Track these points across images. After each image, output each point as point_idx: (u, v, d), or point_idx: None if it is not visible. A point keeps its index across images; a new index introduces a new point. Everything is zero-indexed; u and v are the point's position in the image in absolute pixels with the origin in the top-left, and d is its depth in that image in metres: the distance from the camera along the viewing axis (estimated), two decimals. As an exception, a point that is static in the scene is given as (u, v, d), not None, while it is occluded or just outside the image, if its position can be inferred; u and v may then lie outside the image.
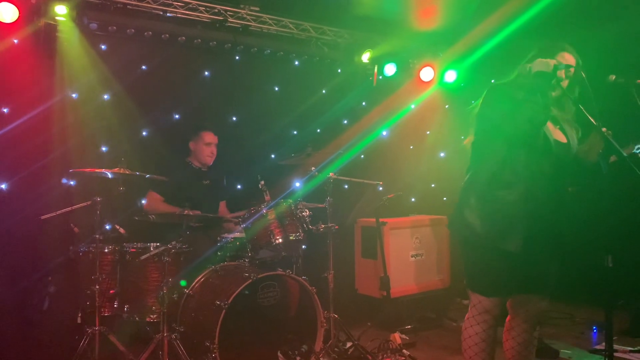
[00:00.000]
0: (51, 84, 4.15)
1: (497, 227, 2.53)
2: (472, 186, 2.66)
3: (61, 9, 3.90)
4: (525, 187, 2.52)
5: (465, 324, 2.71)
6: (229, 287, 3.34)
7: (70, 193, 4.17)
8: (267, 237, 3.69)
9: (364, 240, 5.02)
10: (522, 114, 2.46)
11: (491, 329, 2.65)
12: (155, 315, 3.56)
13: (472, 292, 2.68)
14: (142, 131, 4.64)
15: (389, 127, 5.95)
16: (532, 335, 2.78)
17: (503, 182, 2.54)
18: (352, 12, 5.12)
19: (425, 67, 5.84)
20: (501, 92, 2.64)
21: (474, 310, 2.66)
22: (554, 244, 2.61)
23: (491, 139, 2.60)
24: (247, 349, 3.41)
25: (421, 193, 6.07)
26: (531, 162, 2.54)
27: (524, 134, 2.50)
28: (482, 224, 2.55)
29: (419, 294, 4.93)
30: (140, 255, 3.52)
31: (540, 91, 2.47)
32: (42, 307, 3.86)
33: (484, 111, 2.63)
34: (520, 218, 2.49)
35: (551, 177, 2.57)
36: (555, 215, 2.59)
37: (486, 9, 4.46)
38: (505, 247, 2.49)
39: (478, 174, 2.65)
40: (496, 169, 2.56)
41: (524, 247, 2.47)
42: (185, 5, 4.62)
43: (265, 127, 5.25)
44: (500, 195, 2.53)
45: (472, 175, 2.70)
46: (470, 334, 2.67)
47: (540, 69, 2.48)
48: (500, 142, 2.56)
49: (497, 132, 2.57)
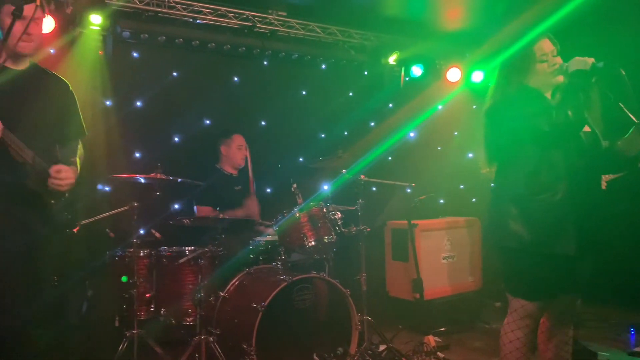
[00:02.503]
0: (86, 92, 4.23)
1: (548, 232, 2.46)
2: (507, 193, 2.59)
3: (96, 19, 3.99)
4: (566, 187, 2.48)
5: (505, 328, 2.65)
6: (264, 290, 3.36)
7: (107, 198, 4.25)
8: (300, 240, 3.71)
9: (394, 242, 5.00)
10: (559, 114, 2.43)
11: (532, 334, 2.62)
12: (191, 319, 3.61)
13: (514, 297, 2.62)
14: (174, 137, 4.72)
15: (416, 129, 5.94)
16: (568, 336, 2.74)
17: (542, 185, 2.49)
18: (378, 14, 5.13)
19: (452, 68, 5.81)
20: (530, 93, 2.60)
21: (515, 315, 2.61)
22: (590, 241, 2.56)
23: (521, 142, 2.54)
24: (283, 351, 3.42)
25: (450, 194, 6.03)
26: (569, 160, 2.51)
27: (563, 134, 2.47)
28: (531, 232, 2.48)
29: (451, 297, 4.90)
30: (176, 259, 3.57)
31: (580, 90, 2.44)
32: (81, 310, 3.93)
33: (510, 113, 2.57)
34: (569, 219, 2.45)
35: (586, 171, 2.53)
36: (593, 211, 2.54)
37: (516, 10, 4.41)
38: (559, 251, 2.44)
39: (511, 179, 2.60)
40: (532, 173, 2.51)
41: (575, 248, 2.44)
42: (215, 12, 4.68)
43: (294, 131, 5.30)
44: (543, 199, 2.48)
45: (504, 181, 2.65)
46: (511, 338, 2.62)
47: (578, 68, 2.46)
48: (532, 144, 2.51)
49: (528, 134, 2.51)
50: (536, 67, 2.61)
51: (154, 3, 4.40)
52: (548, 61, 2.61)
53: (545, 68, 2.60)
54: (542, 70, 2.61)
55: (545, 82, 2.63)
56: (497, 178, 2.71)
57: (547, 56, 2.61)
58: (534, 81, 2.63)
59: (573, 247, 2.44)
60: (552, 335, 2.73)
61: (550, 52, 2.63)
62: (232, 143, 4.42)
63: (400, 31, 5.48)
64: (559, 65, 2.59)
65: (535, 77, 2.62)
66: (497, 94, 2.70)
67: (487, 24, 5.15)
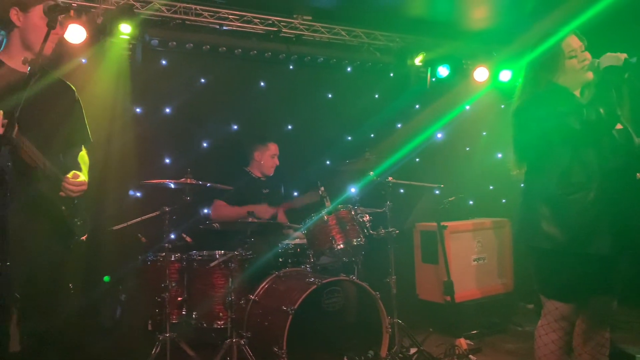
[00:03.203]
0: (117, 100, 4.33)
1: (582, 232, 2.42)
2: (539, 194, 2.55)
3: (126, 28, 4.06)
4: (599, 186, 2.43)
5: (539, 331, 2.61)
6: (294, 293, 3.38)
7: (137, 204, 4.33)
8: (329, 243, 3.71)
9: (423, 244, 4.97)
10: (591, 112, 2.38)
11: (567, 336, 2.57)
12: (222, 322, 3.64)
13: (548, 299, 2.58)
14: (203, 142, 4.78)
15: (444, 129, 5.90)
16: (605, 338, 2.67)
17: (575, 185, 2.45)
18: (403, 15, 5.11)
19: (479, 68, 5.75)
20: (559, 91, 2.56)
21: (550, 317, 2.57)
22: (626, 241, 2.49)
23: (551, 142, 2.50)
24: (314, 354, 3.44)
25: (479, 195, 5.97)
26: (602, 159, 2.46)
27: (595, 133, 2.42)
28: (564, 232, 2.44)
29: (481, 299, 4.83)
30: (207, 263, 3.61)
31: (612, 86, 2.39)
32: (115, 315, 4.01)
33: (539, 112, 2.53)
34: (603, 218, 2.40)
35: (620, 170, 2.48)
36: (628, 209, 2.49)
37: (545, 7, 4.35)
38: (594, 251, 2.39)
39: (542, 180, 2.55)
40: (563, 172, 2.47)
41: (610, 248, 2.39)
42: (240, 18, 4.73)
43: (320, 134, 5.32)
44: (576, 199, 2.44)
45: (535, 182, 2.61)
46: (545, 341, 2.58)
47: (610, 64, 2.41)
48: (563, 144, 2.47)
49: (558, 134, 2.46)
50: (565, 64, 2.57)
51: (181, 11, 4.48)
52: (577, 57, 2.57)
53: (575, 64, 2.56)
54: (572, 67, 2.57)
55: (575, 79, 2.59)
56: (527, 178, 2.67)
57: (575, 52, 2.57)
58: (563, 79, 2.59)
59: (607, 247, 2.39)
60: (588, 338, 2.67)
61: (578, 48, 2.59)
62: (267, 150, 4.46)
63: (425, 32, 5.45)
64: (590, 61, 2.54)
65: (564, 75, 2.58)
66: (525, 93, 2.67)
67: (515, 22, 5.08)
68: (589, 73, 2.55)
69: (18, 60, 2.32)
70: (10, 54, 2.35)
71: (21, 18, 2.32)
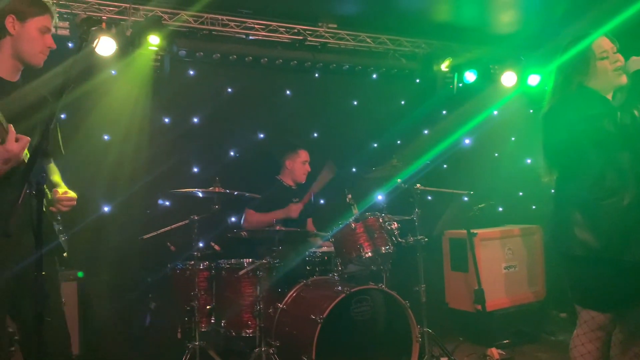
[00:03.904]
0: (146, 111, 4.40)
1: (616, 238, 2.35)
2: (571, 199, 2.49)
3: (154, 39, 4.12)
4: (635, 190, 2.36)
5: (575, 341, 2.54)
6: (323, 302, 3.36)
7: (166, 213, 4.38)
8: (357, 251, 3.68)
9: (452, 252, 4.90)
10: (625, 115, 2.32)
11: (605, 347, 2.49)
12: (251, 330, 3.64)
13: (584, 309, 2.51)
14: (230, 151, 4.82)
15: (472, 135, 5.83)
16: None
17: (609, 190, 2.38)
18: (428, 21, 5.08)
19: (507, 72, 5.67)
20: (590, 94, 2.50)
21: (586, 327, 2.49)
22: None
23: (583, 146, 2.42)
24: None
25: (508, 202, 5.87)
26: (636, 163, 2.39)
27: (629, 136, 2.35)
28: (599, 239, 2.37)
29: (513, 307, 4.73)
30: (235, 271, 3.62)
31: None
32: (145, 323, 4.05)
33: (569, 116, 2.47)
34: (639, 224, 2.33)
35: None
36: None
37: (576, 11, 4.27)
38: (629, 258, 2.33)
39: (574, 185, 2.49)
40: (597, 177, 2.40)
41: None
42: (266, 28, 4.76)
43: (346, 141, 5.31)
44: (610, 204, 2.37)
45: (567, 187, 2.54)
46: (581, 352, 2.50)
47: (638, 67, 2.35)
48: (596, 148, 2.40)
49: (590, 137, 2.40)
50: (597, 66, 2.52)
51: (208, 22, 4.53)
52: (609, 58, 2.51)
53: (607, 65, 2.51)
54: (604, 69, 2.51)
55: (607, 83, 2.53)
56: (558, 185, 2.61)
57: (607, 53, 2.52)
58: (594, 82, 2.53)
59: None
60: (626, 348, 2.59)
61: (610, 49, 2.53)
62: (298, 158, 4.48)
63: (451, 37, 5.41)
64: (622, 62, 2.49)
65: (595, 78, 2.53)
66: (555, 97, 2.61)
67: (544, 26, 5.01)
68: (622, 77, 2.49)
69: (5, 68, 2.28)
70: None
71: (16, 27, 2.26)
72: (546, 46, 5.11)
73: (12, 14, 2.26)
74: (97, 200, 4.20)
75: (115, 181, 4.18)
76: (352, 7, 4.84)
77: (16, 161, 2.04)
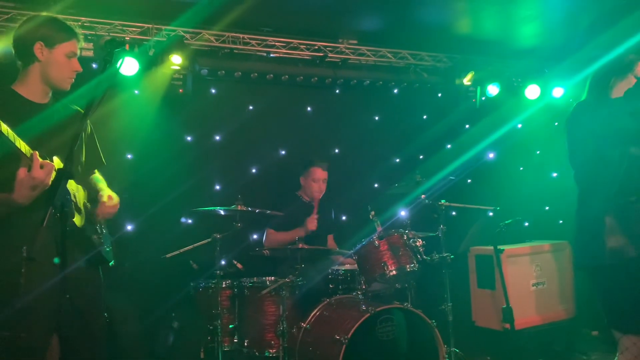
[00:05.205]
0: (168, 129, 4.43)
1: None
2: (599, 207, 2.36)
3: (176, 59, 4.16)
4: None
5: None
6: (347, 322, 3.29)
7: (188, 231, 4.37)
8: (381, 269, 3.61)
9: (479, 269, 4.79)
10: None
11: None
12: (274, 350, 3.59)
13: (625, 334, 2.32)
14: (252, 168, 4.81)
15: (496, 149, 5.74)
16: None
17: (637, 191, 2.27)
18: (449, 35, 5.04)
19: (530, 85, 5.58)
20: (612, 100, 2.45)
21: (628, 355, 2.30)
22: None
23: (610, 147, 2.33)
24: (368, 384, 3.33)
25: (535, 217, 5.74)
26: None
27: None
28: (633, 242, 2.24)
29: (542, 326, 4.60)
30: (258, 290, 3.58)
31: None
32: (168, 342, 4.02)
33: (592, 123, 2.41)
34: None
35: None
36: None
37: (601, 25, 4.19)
38: None
39: (601, 192, 2.37)
40: (625, 179, 2.28)
41: None
42: (287, 45, 4.78)
43: (368, 157, 5.29)
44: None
45: (593, 194, 2.42)
46: None
47: None
48: (624, 146, 2.30)
49: (617, 137, 2.32)
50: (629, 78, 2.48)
51: (229, 40, 4.56)
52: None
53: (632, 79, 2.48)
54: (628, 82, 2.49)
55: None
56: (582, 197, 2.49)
57: None
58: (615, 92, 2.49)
59: None
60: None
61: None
62: (309, 175, 4.44)
63: (473, 50, 5.35)
64: None
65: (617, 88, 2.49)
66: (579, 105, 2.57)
67: (568, 39, 4.92)
68: None
69: (35, 92, 2.34)
70: (27, 86, 2.34)
71: (45, 53, 2.31)
72: (571, 58, 5.02)
73: (41, 40, 2.31)
74: (120, 218, 4.21)
75: (138, 199, 4.20)
76: (372, 22, 4.82)
77: (43, 187, 2.08)
